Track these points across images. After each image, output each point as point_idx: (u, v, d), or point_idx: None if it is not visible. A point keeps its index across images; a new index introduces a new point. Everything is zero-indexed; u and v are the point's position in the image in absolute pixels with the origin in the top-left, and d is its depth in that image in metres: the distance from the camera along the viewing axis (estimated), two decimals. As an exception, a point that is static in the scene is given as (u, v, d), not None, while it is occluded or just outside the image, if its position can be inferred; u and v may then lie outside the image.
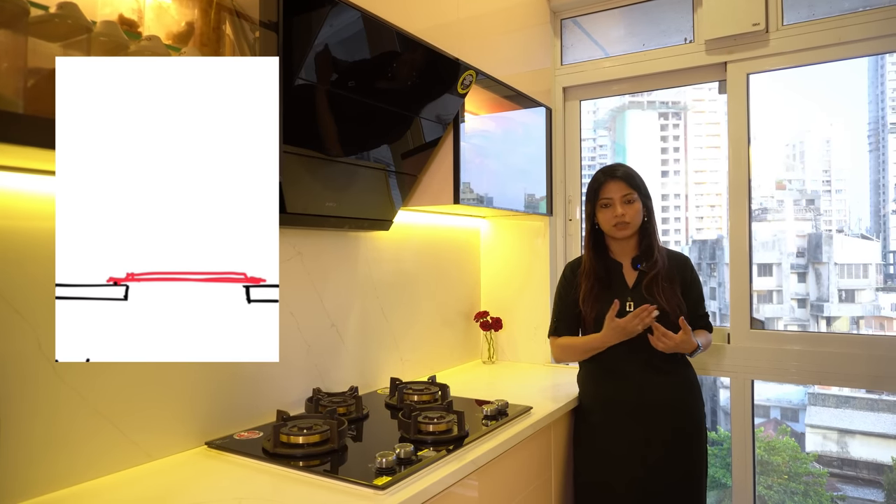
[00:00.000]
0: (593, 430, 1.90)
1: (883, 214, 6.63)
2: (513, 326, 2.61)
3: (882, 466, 4.74)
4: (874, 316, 5.70)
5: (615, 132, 7.46)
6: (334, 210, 1.71)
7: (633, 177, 1.87)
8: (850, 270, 5.96)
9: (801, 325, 5.99)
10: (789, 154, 6.99)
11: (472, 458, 1.41)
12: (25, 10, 0.97)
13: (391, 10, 1.59)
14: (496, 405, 1.71)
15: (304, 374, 1.80)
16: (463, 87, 1.79)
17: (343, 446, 1.44)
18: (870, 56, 2.02)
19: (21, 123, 0.93)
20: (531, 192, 2.44)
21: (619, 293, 1.87)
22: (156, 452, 1.39)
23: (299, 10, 1.37)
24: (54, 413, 1.20)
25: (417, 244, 2.31)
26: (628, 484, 1.80)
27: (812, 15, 2.15)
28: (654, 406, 1.81)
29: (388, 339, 2.14)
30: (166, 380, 1.41)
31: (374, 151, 1.75)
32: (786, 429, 5.16)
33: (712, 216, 7.56)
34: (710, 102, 6.86)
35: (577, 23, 2.64)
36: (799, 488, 4.82)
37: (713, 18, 2.20)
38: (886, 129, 6.71)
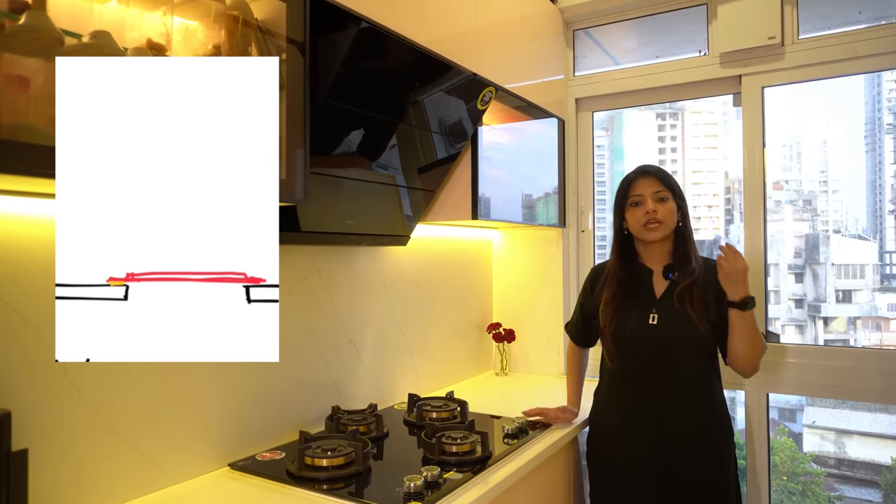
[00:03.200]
0: (608, 461, 1.74)
1: (879, 215, 6.68)
2: (525, 338, 2.61)
3: (880, 467, 4.79)
4: (871, 316, 5.75)
5: (613, 133, 7.48)
6: (354, 227, 1.70)
7: (667, 175, 1.71)
8: (848, 271, 6.01)
9: (799, 326, 6.03)
10: (786, 155, 7.02)
11: (498, 480, 1.40)
12: (60, 39, 0.95)
13: (409, 20, 1.58)
14: (517, 423, 1.71)
15: (323, 390, 1.79)
16: (483, 104, 1.78)
17: (367, 468, 1.43)
18: (884, 70, 2.02)
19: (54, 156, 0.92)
20: (544, 203, 2.44)
21: (644, 304, 1.68)
22: (179, 475, 1.38)
23: (325, 30, 1.35)
24: (78, 437, 1.19)
25: (431, 256, 2.30)
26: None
27: (827, 27, 2.15)
28: (677, 435, 1.62)
29: (404, 352, 2.14)
30: (186, 398, 1.40)
31: (393, 169, 1.74)
32: (784, 429, 5.20)
33: (709, 216, 7.59)
34: (708, 103, 6.88)
35: (590, 34, 2.63)
36: (797, 488, 4.86)
37: (728, 31, 2.20)
38: (883, 130, 6.75)
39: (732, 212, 6.51)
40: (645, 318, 1.66)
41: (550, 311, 2.56)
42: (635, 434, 1.66)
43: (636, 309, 1.68)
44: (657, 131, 8.12)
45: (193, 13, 1.21)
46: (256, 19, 1.27)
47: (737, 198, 7.00)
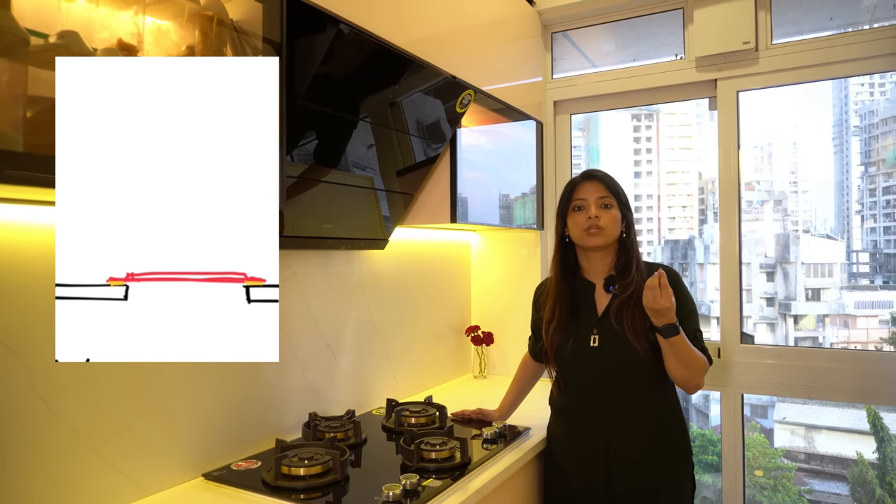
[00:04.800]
0: (562, 483, 1.66)
1: (846, 215, 6.84)
2: (504, 341, 2.61)
3: (847, 461, 4.90)
4: (839, 314, 5.88)
5: (589, 133, 7.54)
6: (332, 231, 1.68)
7: (613, 182, 1.62)
8: (817, 270, 6.13)
9: (770, 324, 6.15)
10: (758, 156, 7.14)
11: (477, 487, 1.40)
12: (25, 39, 0.92)
13: (386, 22, 1.56)
14: (496, 428, 1.70)
15: (300, 396, 1.76)
16: (462, 106, 1.77)
17: (346, 477, 1.41)
18: (856, 76, 2.06)
19: (20, 161, 0.89)
20: (521, 205, 2.44)
21: (585, 323, 1.59)
22: (151, 486, 1.34)
23: (301, 32, 1.33)
24: (47, 451, 1.15)
25: (409, 259, 2.28)
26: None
27: (799, 33, 2.18)
28: (628, 465, 1.54)
29: (382, 357, 2.12)
30: (158, 408, 1.36)
31: (371, 172, 1.72)
32: (756, 425, 5.30)
33: (684, 216, 7.70)
34: (682, 105, 6.97)
35: (568, 37, 2.64)
36: (769, 483, 4.96)
37: (704, 36, 2.22)
38: (850, 132, 6.91)
39: (706, 212, 6.60)
40: (586, 340, 1.58)
41: (529, 314, 2.55)
42: (585, 462, 1.59)
43: (577, 329, 1.60)
44: (633, 132, 8.19)
45: (166, 13, 1.18)
46: (232, 19, 1.24)
47: (710, 198, 7.09)
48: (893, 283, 5.84)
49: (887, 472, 4.26)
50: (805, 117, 7.03)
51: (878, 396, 2.02)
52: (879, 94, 6.49)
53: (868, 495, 4.47)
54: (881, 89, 6.47)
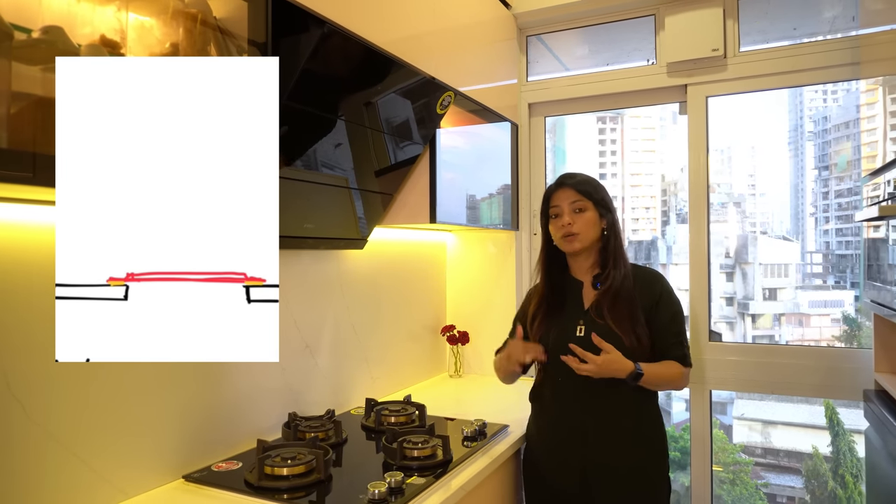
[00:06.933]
0: (540, 479, 1.69)
1: (801, 217, 7.07)
2: (479, 340, 2.63)
3: (802, 455, 5.08)
4: (794, 313, 6.09)
5: (556, 135, 7.63)
6: (312, 231, 1.67)
7: (586, 184, 1.64)
8: (773, 270, 6.34)
9: (729, 322, 6.32)
10: (719, 159, 7.33)
11: (460, 483, 1.42)
12: (9, 34, 0.90)
13: (365, 22, 1.56)
14: (475, 426, 1.72)
15: (279, 396, 1.75)
16: (441, 108, 1.78)
17: (329, 476, 1.41)
18: (820, 84, 2.14)
19: (3, 158, 0.87)
20: (497, 206, 2.46)
21: (572, 315, 1.65)
22: (130, 489, 1.32)
23: (287, 32, 1.32)
24: (24, 454, 1.13)
25: (386, 259, 2.29)
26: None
27: (765, 41, 2.26)
28: (603, 465, 1.58)
29: (360, 356, 2.12)
30: (137, 409, 1.34)
31: (351, 172, 1.72)
32: (715, 422, 5.45)
33: (647, 217, 7.84)
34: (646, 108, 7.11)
35: (542, 40, 2.67)
36: (728, 477, 5.11)
37: (675, 42, 2.29)
38: (804, 137, 7.15)
39: (669, 213, 6.75)
40: (572, 330, 1.62)
41: (504, 314, 2.59)
42: (563, 469, 1.62)
43: (564, 320, 1.65)
44: (598, 134, 8.31)
45: (149, 10, 1.16)
46: (216, 18, 1.23)
47: (672, 200, 7.25)
48: (844, 282, 6.06)
49: (840, 465, 4.42)
50: (764, 123, 7.24)
51: (836, 391, 2.11)
52: (832, 100, 6.73)
53: (821, 487, 4.64)
54: (833, 96, 6.71)
